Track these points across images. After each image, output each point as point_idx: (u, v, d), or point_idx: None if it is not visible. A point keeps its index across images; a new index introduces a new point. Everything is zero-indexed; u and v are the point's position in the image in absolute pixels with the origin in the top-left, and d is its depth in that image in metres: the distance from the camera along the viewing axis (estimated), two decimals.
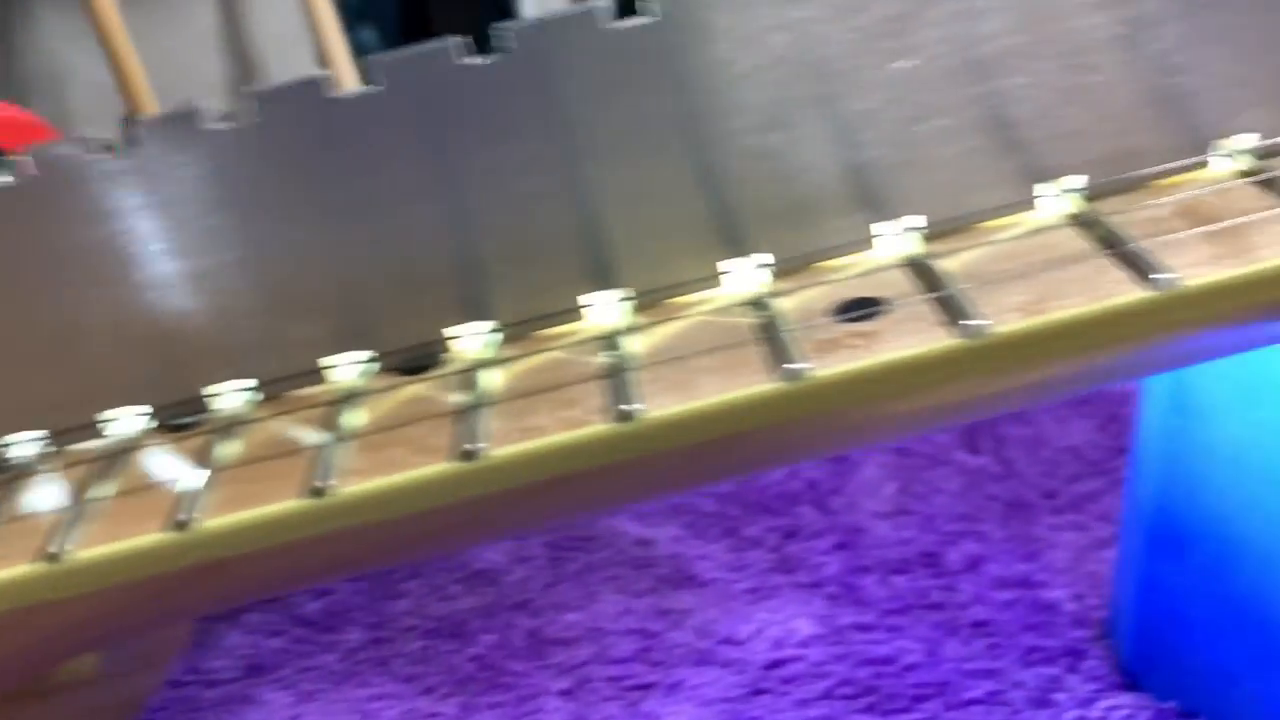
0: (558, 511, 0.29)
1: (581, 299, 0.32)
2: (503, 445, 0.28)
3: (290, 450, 0.30)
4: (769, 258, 0.32)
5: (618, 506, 0.30)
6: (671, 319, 0.31)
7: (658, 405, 0.28)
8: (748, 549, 0.58)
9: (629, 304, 0.32)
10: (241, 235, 0.31)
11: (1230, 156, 0.32)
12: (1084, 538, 0.57)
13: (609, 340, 0.31)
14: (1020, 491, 0.60)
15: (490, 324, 0.32)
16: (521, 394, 0.30)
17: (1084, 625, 0.52)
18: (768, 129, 0.31)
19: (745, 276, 0.32)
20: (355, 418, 0.30)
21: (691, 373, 0.29)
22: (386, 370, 0.32)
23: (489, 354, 0.32)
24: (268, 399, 0.33)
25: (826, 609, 0.54)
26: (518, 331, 0.32)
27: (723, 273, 0.32)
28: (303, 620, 0.56)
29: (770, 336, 0.29)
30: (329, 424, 0.30)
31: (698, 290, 0.32)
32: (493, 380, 0.30)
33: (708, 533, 0.58)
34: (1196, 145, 0.32)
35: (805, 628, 0.52)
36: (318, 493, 0.28)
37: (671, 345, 0.30)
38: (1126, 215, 0.31)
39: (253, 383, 0.32)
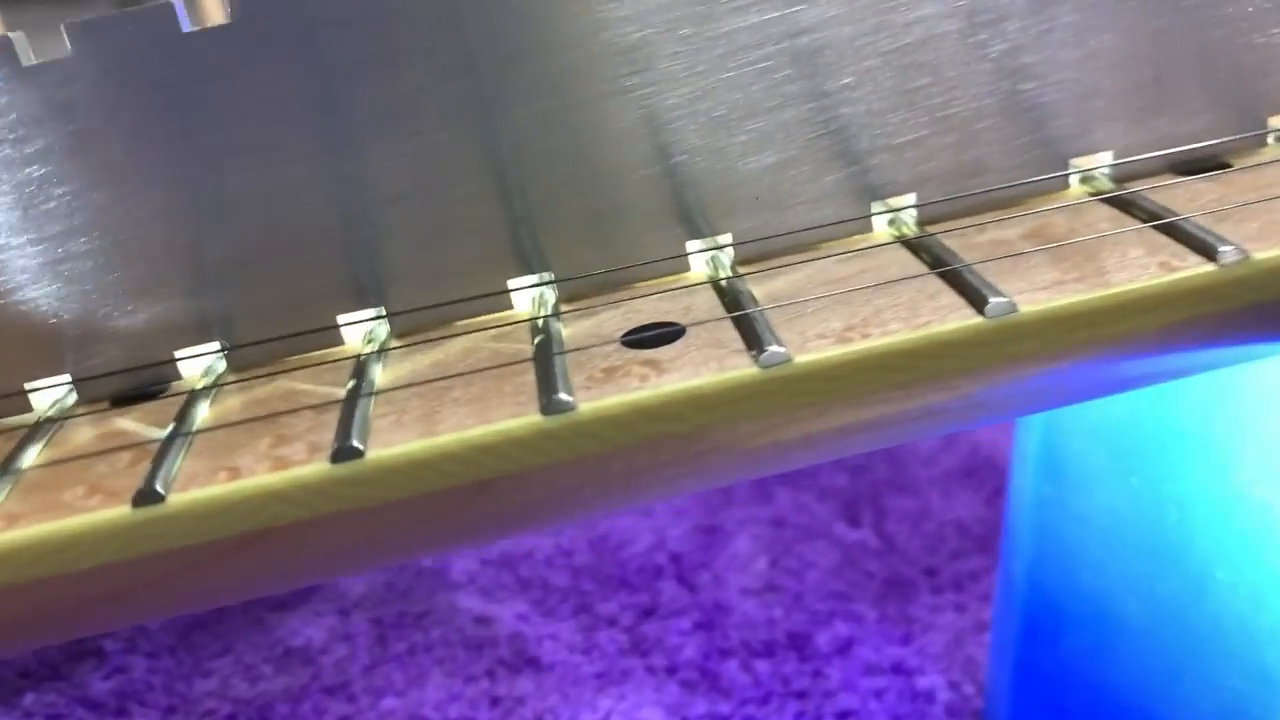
0: (269, 574, 0.24)
1: (341, 318, 0.27)
2: (189, 489, 0.22)
3: None
4: (561, 274, 0.27)
5: (351, 568, 0.25)
6: (440, 342, 0.27)
7: (384, 443, 0.23)
8: (599, 628, 0.52)
9: (391, 324, 0.27)
10: None
11: (1084, 178, 0.28)
12: (963, 619, 0.52)
13: (360, 366, 0.26)
14: (899, 568, 0.55)
15: (216, 344, 0.27)
16: (237, 428, 0.24)
17: (958, 716, 0.47)
18: (555, 121, 0.26)
19: (533, 296, 0.27)
20: (33, 453, 0.25)
21: (442, 404, 0.24)
22: (95, 399, 0.27)
23: (212, 379, 0.26)
24: None
25: (680, 697, 0.48)
26: (258, 355, 0.27)
27: (510, 291, 0.27)
28: (89, 702, 0.49)
29: (545, 363, 0.24)
30: (3, 463, 0.24)
31: (478, 311, 0.27)
32: (208, 412, 0.25)
33: (557, 610, 0.53)
34: (1049, 163, 0.28)
35: (653, 718, 0.47)
36: None
37: (430, 372, 0.25)
38: (967, 237, 0.27)
39: None
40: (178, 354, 0.27)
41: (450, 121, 0.26)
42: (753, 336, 0.24)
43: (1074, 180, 0.28)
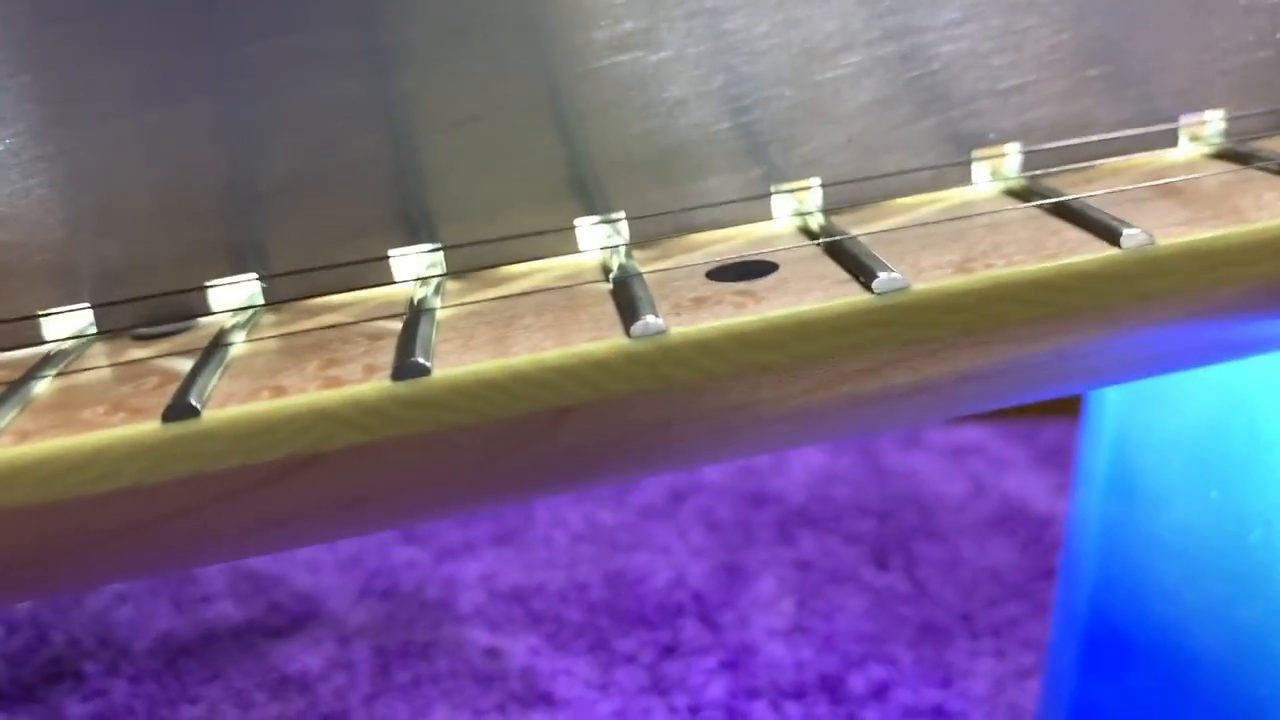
0: (312, 514, 0.21)
1: (392, 251, 0.25)
2: (227, 406, 0.20)
3: None
4: (633, 215, 0.25)
5: (403, 515, 0.22)
6: (503, 281, 0.24)
7: (452, 363, 0.20)
8: (617, 665, 0.49)
9: (446, 261, 0.25)
10: None
11: (1194, 134, 0.27)
12: (1004, 665, 0.49)
13: (416, 301, 0.23)
14: (933, 613, 0.52)
15: (253, 275, 0.24)
16: (280, 353, 0.22)
17: None
18: (630, 45, 0.24)
19: (601, 238, 0.25)
20: (46, 377, 0.22)
21: (513, 330, 0.21)
22: (116, 329, 0.24)
23: (248, 314, 0.24)
24: None
25: None
26: (298, 289, 0.24)
27: (576, 228, 0.25)
28: None
29: (625, 292, 0.22)
30: (13, 384, 0.22)
31: (542, 252, 0.25)
32: (245, 340, 0.23)
33: (571, 645, 0.50)
34: (1159, 116, 0.26)
35: None
36: None
37: (497, 305, 0.23)
38: (1077, 187, 0.25)
39: None
40: (209, 283, 0.24)
41: (520, 42, 0.24)
42: (860, 267, 0.21)
43: (1183, 136, 0.26)
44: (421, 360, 0.20)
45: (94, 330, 0.24)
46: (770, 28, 0.24)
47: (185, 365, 0.21)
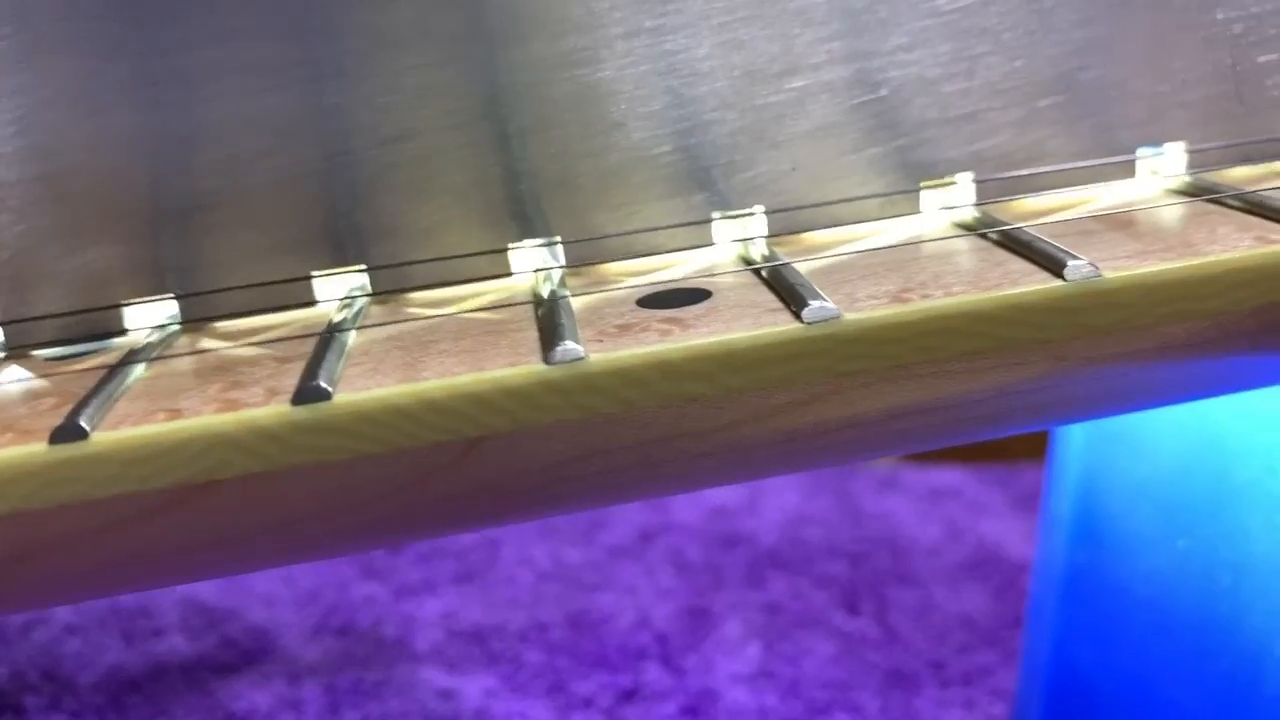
0: (210, 546, 0.20)
1: (315, 273, 0.24)
2: (119, 428, 0.18)
3: None
4: (569, 239, 0.24)
5: (307, 550, 0.21)
6: (430, 302, 0.23)
7: (357, 388, 0.19)
8: (575, 709, 0.47)
9: (372, 283, 0.24)
10: None
11: (1152, 166, 0.26)
12: (973, 716, 0.48)
13: (334, 324, 0.22)
14: (903, 660, 0.51)
15: (170, 296, 0.23)
16: (185, 375, 0.21)
17: None
18: (568, 63, 0.23)
19: (535, 266, 0.24)
20: None
21: (427, 355, 0.20)
22: (23, 347, 0.23)
23: (162, 335, 0.23)
24: None
25: None
26: (216, 310, 0.23)
27: (510, 251, 0.24)
28: None
29: (549, 318, 0.21)
30: None
31: (473, 275, 0.24)
32: (154, 360, 0.22)
33: (529, 686, 0.48)
34: (1115, 148, 0.25)
35: None
36: None
37: (415, 328, 0.22)
38: (1029, 218, 0.24)
39: None
40: (125, 302, 0.23)
41: (454, 57, 0.23)
42: (793, 296, 0.21)
43: (1141, 167, 0.26)
44: (323, 384, 0.19)
45: (2, 350, 0.23)
46: (712, 49, 0.24)
47: (87, 385, 0.20)
